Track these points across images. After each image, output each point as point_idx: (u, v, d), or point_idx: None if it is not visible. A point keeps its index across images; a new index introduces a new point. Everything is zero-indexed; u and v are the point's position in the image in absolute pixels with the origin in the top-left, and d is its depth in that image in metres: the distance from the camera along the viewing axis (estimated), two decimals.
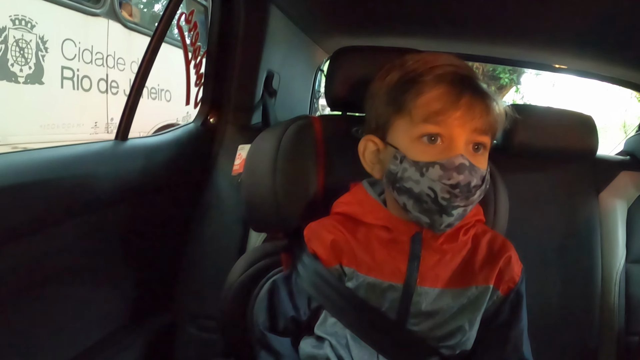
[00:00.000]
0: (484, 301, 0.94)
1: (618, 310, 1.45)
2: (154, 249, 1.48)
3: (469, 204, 0.87)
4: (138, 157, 1.38)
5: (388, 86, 0.93)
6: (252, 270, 1.12)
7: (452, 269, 0.95)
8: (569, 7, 1.36)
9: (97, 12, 3.86)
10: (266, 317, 1.01)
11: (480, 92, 0.88)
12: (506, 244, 1.00)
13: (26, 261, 1.07)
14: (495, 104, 0.90)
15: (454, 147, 0.85)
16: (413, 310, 0.92)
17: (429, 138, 0.86)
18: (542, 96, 13.63)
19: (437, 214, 0.86)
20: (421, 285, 0.92)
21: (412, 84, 0.89)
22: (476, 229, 1.00)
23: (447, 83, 0.87)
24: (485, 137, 0.89)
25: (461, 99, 0.85)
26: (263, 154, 1.09)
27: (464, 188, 0.84)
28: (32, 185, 1.04)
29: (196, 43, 1.60)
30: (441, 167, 0.84)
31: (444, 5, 1.52)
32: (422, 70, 0.89)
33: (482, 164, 0.89)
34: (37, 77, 3.41)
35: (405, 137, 0.89)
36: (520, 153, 1.48)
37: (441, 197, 0.84)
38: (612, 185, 1.53)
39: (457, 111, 0.85)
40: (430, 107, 0.86)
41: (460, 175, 0.83)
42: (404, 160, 0.87)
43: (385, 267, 0.93)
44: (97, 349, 1.30)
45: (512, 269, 0.96)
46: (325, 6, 1.73)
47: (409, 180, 0.86)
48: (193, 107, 1.67)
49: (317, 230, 0.99)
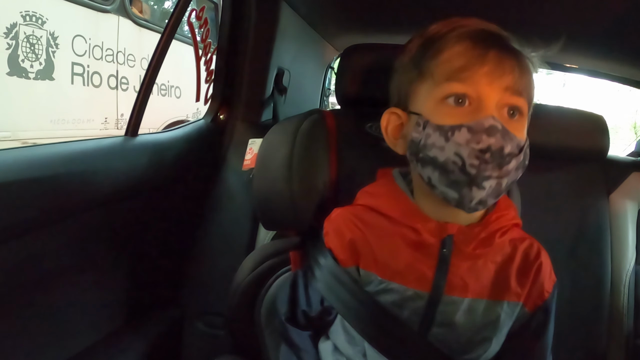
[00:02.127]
0: (513, 319, 0.86)
1: (627, 313, 1.44)
2: (163, 244, 1.49)
3: (503, 174, 0.75)
4: (148, 153, 1.39)
5: (410, 54, 0.85)
6: (261, 268, 1.11)
7: (484, 278, 0.85)
8: (580, 6, 1.35)
9: (108, 8, 3.87)
10: (287, 308, 0.95)
11: (511, 49, 0.80)
12: (540, 251, 0.91)
13: (35, 256, 1.07)
14: (528, 62, 0.81)
15: (483, 107, 0.75)
16: (438, 320, 0.84)
17: (455, 100, 0.76)
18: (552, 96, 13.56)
19: (466, 186, 0.75)
20: (449, 294, 0.83)
21: (434, 45, 0.80)
22: (513, 233, 0.90)
23: (470, 39, 0.78)
24: (520, 99, 0.79)
25: (488, 53, 0.76)
26: (277, 148, 1.05)
27: (496, 153, 0.73)
28: (43, 180, 1.05)
29: (207, 40, 1.60)
30: (469, 129, 0.73)
31: (454, 4, 1.51)
32: (445, 31, 0.81)
33: (519, 132, 0.80)
34: (48, 73, 3.42)
35: (428, 100, 0.80)
36: (530, 153, 1.47)
37: (469, 164, 0.73)
38: (623, 187, 1.52)
39: (483, 66, 0.76)
40: (453, 64, 0.77)
41: (492, 138, 0.73)
42: (427, 126, 0.78)
43: (410, 272, 0.84)
44: (105, 344, 1.31)
45: (542, 284, 0.87)
46: (335, 3, 1.73)
47: (433, 147, 0.76)
48: (203, 104, 1.68)
49: (337, 224, 0.91)
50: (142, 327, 1.44)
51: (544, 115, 1.47)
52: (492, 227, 0.85)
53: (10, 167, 1.01)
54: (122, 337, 1.36)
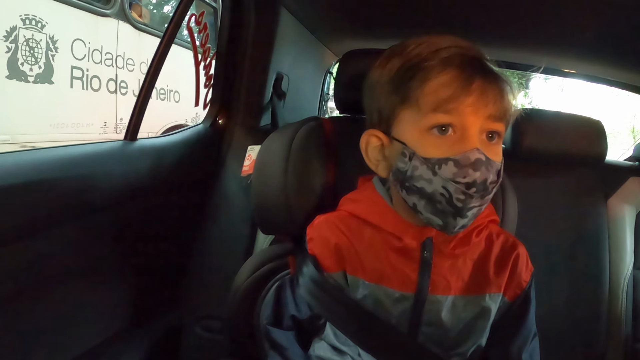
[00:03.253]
0: (495, 309, 0.90)
1: (625, 317, 1.44)
2: (162, 249, 1.49)
3: (484, 202, 0.80)
4: (147, 157, 1.39)
5: (390, 74, 0.85)
6: (260, 273, 1.11)
7: (465, 275, 0.89)
8: (579, 12, 1.36)
9: (107, 12, 3.88)
10: (271, 313, 0.98)
11: (493, 75, 0.81)
12: (515, 244, 0.95)
13: (34, 259, 1.07)
14: (508, 88, 0.83)
15: (467, 138, 0.78)
16: (425, 319, 0.88)
17: (440, 129, 0.79)
18: (550, 101, 13.58)
19: (450, 216, 0.79)
20: (433, 293, 0.87)
21: (416, 70, 0.81)
22: (489, 229, 0.95)
23: (455, 66, 0.79)
24: (499, 125, 0.82)
25: (472, 83, 0.78)
26: (274, 155, 1.08)
27: (480, 186, 0.77)
28: (41, 184, 1.05)
29: (206, 44, 1.60)
30: (455, 163, 0.77)
31: (453, 9, 1.52)
32: (426, 54, 0.81)
33: (497, 156, 0.82)
34: (47, 77, 3.42)
35: (413, 129, 0.81)
36: (529, 158, 1.48)
37: (456, 198, 0.77)
38: (621, 191, 1.52)
39: (469, 97, 0.78)
40: (439, 94, 0.78)
41: (477, 172, 0.76)
42: (414, 157, 0.80)
43: (395, 275, 0.88)
44: (103, 349, 1.30)
45: (520, 274, 0.92)
46: (334, 9, 1.73)
47: (420, 179, 0.79)
48: (202, 108, 1.68)
49: (321, 230, 0.94)
50: (141, 331, 1.44)
51: (542, 121, 1.48)
52: (469, 226, 0.86)
53: (10, 170, 1.01)
54: (120, 341, 1.36)
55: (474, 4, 1.45)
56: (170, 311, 1.55)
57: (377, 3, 1.58)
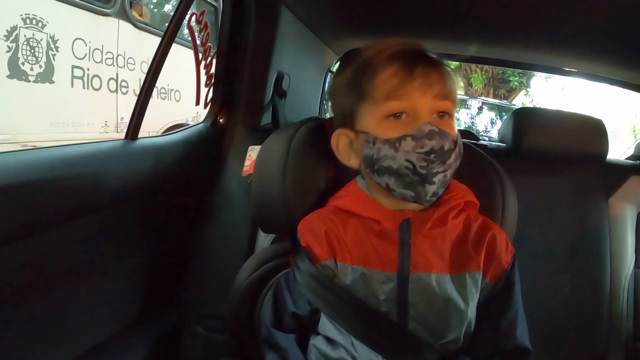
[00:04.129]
0: (478, 287, 0.94)
1: (626, 316, 1.44)
2: (162, 248, 1.49)
3: (446, 168, 0.89)
4: (148, 156, 1.39)
5: (346, 78, 0.97)
6: (261, 272, 1.12)
7: (444, 254, 0.94)
8: (579, 10, 1.36)
9: (108, 11, 3.89)
10: (271, 314, 1.01)
11: (433, 61, 0.92)
12: (493, 226, 1.00)
13: (34, 259, 1.07)
14: (448, 74, 0.93)
15: (419, 117, 0.88)
16: (412, 301, 0.91)
17: (395, 116, 0.89)
18: (551, 100, 13.58)
19: (419, 185, 0.88)
20: (415, 272, 0.92)
21: (366, 70, 0.92)
22: (467, 213, 0.99)
23: (398, 59, 0.90)
24: (447, 103, 0.91)
25: (415, 69, 0.89)
26: (273, 156, 1.08)
27: (439, 152, 0.86)
28: (41, 183, 1.05)
29: (206, 43, 1.60)
30: (412, 137, 0.87)
31: (454, 7, 1.52)
32: (375, 54, 0.93)
33: (451, 129, 0.91)
34: (48, 76, 3.43)
35: (372, 119, 0.92)
36: (530, 156, 1.48)
37: (419, 166, 0.86)
38: (622, 190, 1.52)
39: (414, 81, 0.88)
40: (388, 84, 0.89)
41: (432, 140, 0.86)
42: (377, 141, 0.90)
43: (378, 258, 0.93)
44: (104, 348, 1.31)
45: (499, 256, 0.96)
46: (335, 8, 1.73)
47: (386, 158, 0.89)
48: (203, 108, 1.68)
49: (310, 222, 1.01)
50: (142, 330, 1.44)
51: (543, 119, 1.48)
52: (443, 207, 0.95)
53: (10, 170, 1.01)
54: (121, 341, 1.36)
55: (475, 3, 1.45)
56: (171, 310, 1.55)
57: (378, 2, 1.58)
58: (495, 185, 1.08)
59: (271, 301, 1.03)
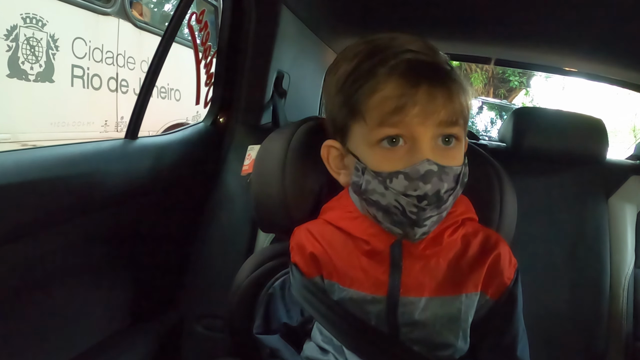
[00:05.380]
0: (473, 309, 0.88)
1: (626, 315, 1.44)
2: (162, 247, 1.49)
3: (442, 211, 0.79)
4: (148, 156, 1.39)
5: (339, 83, 0.83)
6: (261, 271, 1.11)
7: (438, 275, 0.87)
8: (579, 10, 1.36)
9: (108, 11, 3.88)
10: (261, 322, 1.00)
11: (441, 77, 0.78)
12: (498, 242, 0.91)
13: (34, 258, 1.07)
14: (460, 88, 0.80)
15: (417, 149, 0.76)
16: (402, 321, 0.86)
17: (390, 140, 0.77)
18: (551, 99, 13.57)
19: (408, 226, 0.79)
20: (405, 295, 0.86)
21: (362, 82, 0.79)
22: (466, 228, 0.92)
23: (399, 74, 0.76)
24: (454, 128, 0.79)
25: (418, 91, 0.75)
26: (272, 155, 1.08)
27: (433, 198, 0.76)
28: (41, 182, 1.05)
29: (207, 43, 1.60)
30: (405, 177, 0.76)
31: (455, 7, 1.52)
32: (374, 60, 0.79)
33: (455, 159, 0.80)
34: (48, 75, 3.43)
35: (363, 143, 0.81)
36: (530, 156, 1.48)
37: (409, 211, 0.76)
38: (622, 190, 1.52)
39: (414, 107, 0.75)
40: (384, 108, 0.76)
41: (427, 184, 0.75)
42: (366, 172, 0.80)
43: (366, 279, 0.87)
44: (104, 347, 1.31)
45: (502, 272, 0.88)
46: (335, 7, 1.73)
47: (374, 192, 0.80)
48: (203, 107, 1.68)
49: (299, 239, 0.96)
50: (141, 330, 1.44)
51: (543, 119, 1.48)
52: (440, 226, 0.85)
53: (10, 169, 1.01)
54: (120, 340, 1.36)
55: (476, 3, 1.45)
56: (171, 310, 1.55)
57: (378, 1, 1.58)
58: (495, 185, 1.07)
59: (263, 308, 1.02)
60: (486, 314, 0.90)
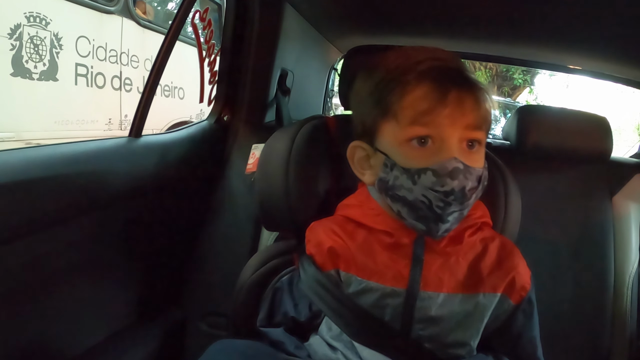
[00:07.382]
0: (490, 310, 0.90)
1: (630, 314, 1.44)
2: (166, 245, 1.49)
3: (464, 207, 0.84)
4: (151, 154, 1.39)
5: (371, 88, 0.90)
6: (265, 269, 1.11)
7: (458, 273, 0.90)
8: (583, 7, 1.35)
9: (112, 9, 3.89)
10: (265, 315, 1.01)
11: (469, 85, 0.85)
12: (515, 251, 0.96)
13: (37, 257, 1.07)
14: (486, 95, 0.86)
15: (445, 148, 0.82)
16: (417, 316, 0.88)
17: (419, 140, 0.83)
18: (555, 97, 13.53)
19: (432, 221, 0.84)
20: (425, 290, 0.88)
21: (395, 84, 0.85)
22: (484, 232, 0.96)
23: (431, 79, 0.83)
24: (479, 133, 0.85)
25: (448, 95, 0.82)
26: (276, 154, 1.08)
27: (459, 194, 0.81)
28: (45, 181, 1.05)
29: (210, 41, 1.60)
30: (434, 173, 0.81)
31: (458, 5, 1.51)
32: (405, 67, 0.86)
33: (478, 162, 0.86)
34: (52, 74, 3.44)
35: (393, 141, 0.86)
36: (534, 154, 1.47)
37: (436, 206, 0.81)
38: (626, 188, 1.52)
39: (445, 109, 0.81)
40: (416, 108, 0.83)
41: (455, 180, 0.80)
42: (395, 168, 0.85)
43: (387, 271, 0.89)
44: (108, 345, 1.31)
45: (523, 277, 0.92)
46: (339, 5, 1.73)
47: (402, 188, 0.84)
48: (207, 105, 1.68)
49: (317, 232, 0.97)
50: (145, 327, 1.44)
51: (547, 117, 1.48)
52: (460, 225, 0.90)
53: (15, 167, 1.01)
54: (124, 338, 1.36)
55: (480, 0, 1.44)
56: (175, 308, 1.55)
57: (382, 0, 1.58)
58: (498, 183, 1.07)
59: (268, 301, 1.02)
60: (507, 318, 0.93)
